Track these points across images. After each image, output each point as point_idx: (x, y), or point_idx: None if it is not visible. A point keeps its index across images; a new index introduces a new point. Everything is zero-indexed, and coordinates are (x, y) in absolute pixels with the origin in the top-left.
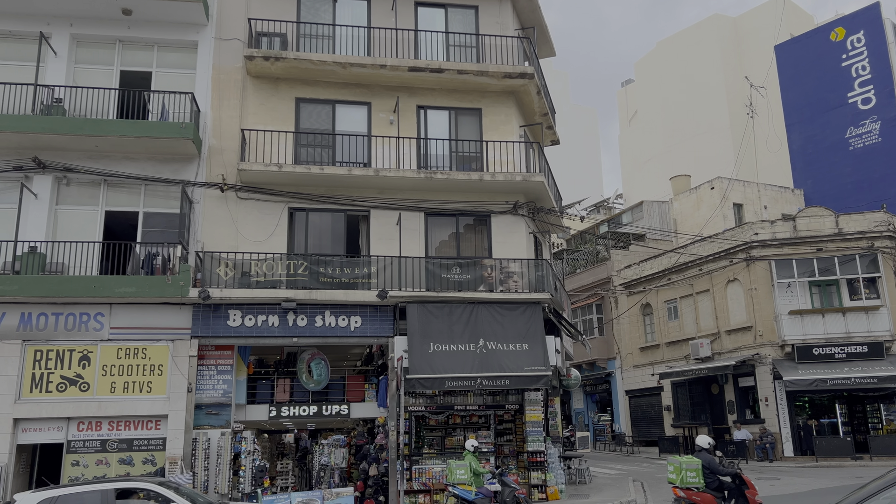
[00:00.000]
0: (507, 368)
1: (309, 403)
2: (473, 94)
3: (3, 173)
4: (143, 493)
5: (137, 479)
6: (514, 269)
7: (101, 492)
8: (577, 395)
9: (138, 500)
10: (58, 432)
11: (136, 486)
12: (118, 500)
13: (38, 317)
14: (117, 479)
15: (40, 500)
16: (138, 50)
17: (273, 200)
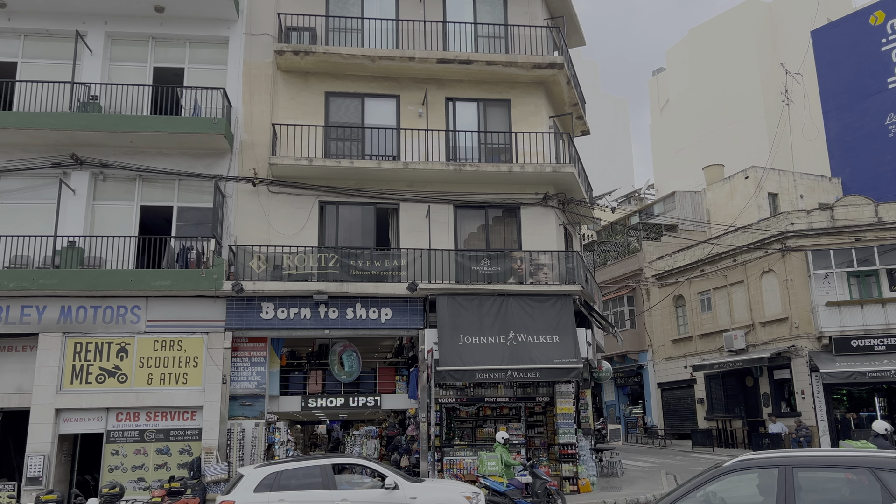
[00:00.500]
0: (537, 360)
1: (340, 395)
2: (502, 85)
3: (43, 170)
4: (358, 467)
5: (350, 456)
6: (543, 260)
7: (321, 466)
8: (608, 388)
9: (351, 475)
10: (97, 422)
11: (350, 462)
12: (336, 475)
13: (78, 310)
14: (331, 456)
15: (267, 474)
16: (171, 46)
17: (304, 194)
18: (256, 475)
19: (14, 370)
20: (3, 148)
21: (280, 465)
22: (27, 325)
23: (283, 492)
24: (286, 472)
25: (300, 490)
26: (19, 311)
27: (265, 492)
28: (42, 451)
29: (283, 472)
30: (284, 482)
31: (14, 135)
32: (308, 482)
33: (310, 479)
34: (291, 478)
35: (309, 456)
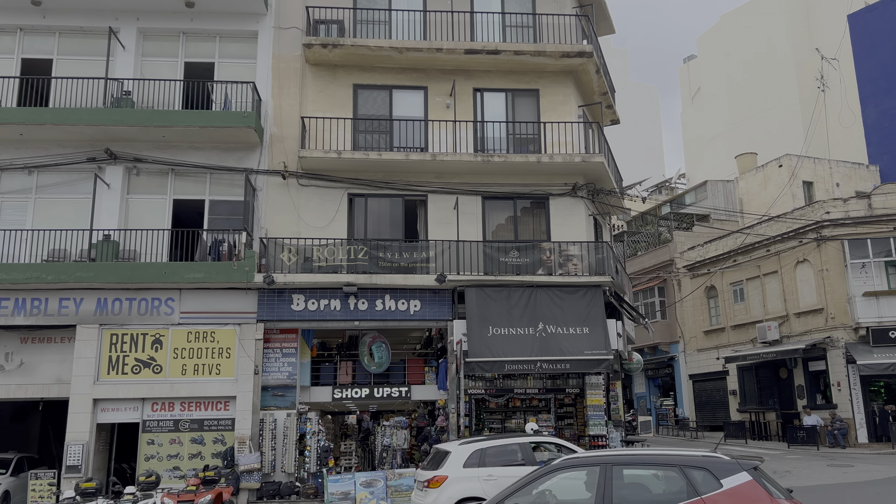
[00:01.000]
0: (567, 352)
1: (370, 385)
2: (531, 74)
3: (78, 164)
4: (552, 445)
5: (545, 436)
6: (573, 252)
7: (520, 444)
8: (638, 380)
9: (542, 452)
10: (133, 412)
11: (545, 441)
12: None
13: (114, 302)
14: (527, 434)
15: (473, 450)
16: (201, 41)
17: (333, 187)
18: (463, 451)
19: (53, 361)
20: (41, 144)
21: (483, 443)
22: (65, 317)
23: (488, 468)
24: (489, 449)
25: (503, 466)
26: (57, 303)
27: (473, 467)
28: (81, 440)
29: (486, 448)
30: (488, 458)
31: (50, 130)
32: (509, 458)
33: (510, 456)
34: (494, 454)
35: (502, 435)
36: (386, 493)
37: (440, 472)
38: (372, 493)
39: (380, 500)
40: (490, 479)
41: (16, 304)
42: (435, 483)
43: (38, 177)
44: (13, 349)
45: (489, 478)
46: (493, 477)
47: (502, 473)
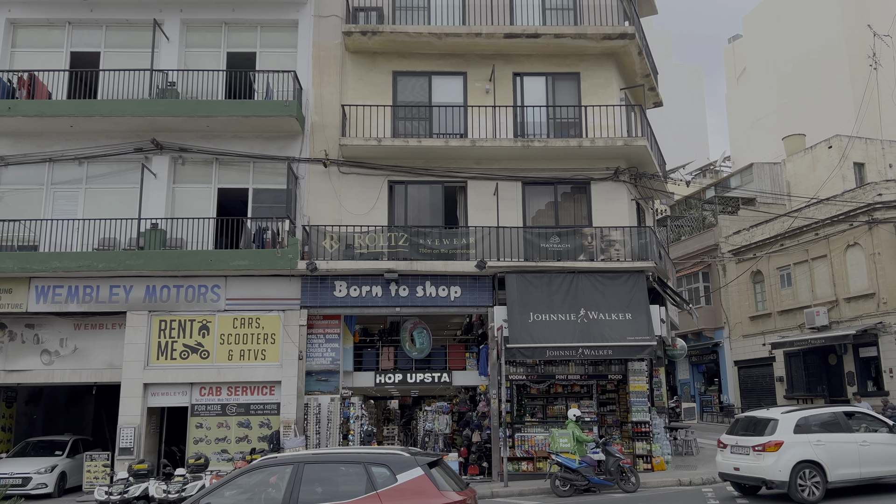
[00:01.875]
0: (609, 338)
1: (412, 371)
2: (571, 58)
3: (126, 155)
4: (859, 415)
5: (854, 406)
6: (615, 237)
7: (835, 413)
8: (682, 366)
9: (852, 421)
10: (182, 396)
11: (855, 410)
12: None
13: (162, 289)
14: (835, 405)
15: (798, 417)
16: (242, 31)
17: (373, 174)
18: (790, 419)
19: (105, 346)
20: (90, 135)
21: (804, 411)
22: (116, 304)
23: (813, 434)
24: (811, 416)
25: (826, 433)
26: (108, 290)
27: (801, 433)
28: (133, 424)
29: (809, 416)
30: (811, 425)
31: (99, 122)
32: (829, 426)
33: (830, 423)
34: (815, 422)
35: (816, 406)
36: None
37: (775, 437)
38: None
39: None
40: (819, 444)
41: (69, 291)
42: (772, 447)
43: (87, 167)
44: (67, 335)
45: (818, 443)
46: (822, 442)
47: (829, 440)
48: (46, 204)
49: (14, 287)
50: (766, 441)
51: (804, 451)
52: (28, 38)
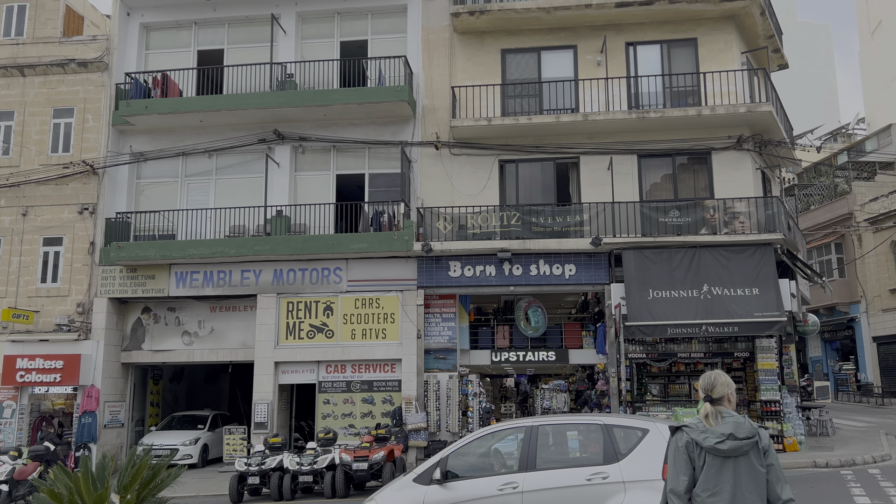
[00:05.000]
0: (735, 314)
1: (528, 349)
2: (687, 23)
3: (251, 146)
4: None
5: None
6: (739, 208)
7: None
8: (813, 343)
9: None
10: (310, 374)
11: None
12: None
13: (288, 272)
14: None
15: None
16: (354, 20)
17: (484, 154)
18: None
19: (238, 328)
20: (217, 129)
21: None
22: (247, 287)
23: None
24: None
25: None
26: (240, 275)
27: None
28: (266, 400)
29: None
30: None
31: (225, 116)
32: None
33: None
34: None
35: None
36: None
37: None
38: None
39: None
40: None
41: (205, 276)
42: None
43: (217, 159)
44: (204, 317)
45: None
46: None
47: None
48: (181, 195)
49: (156, 273)
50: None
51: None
52: (159, 40)
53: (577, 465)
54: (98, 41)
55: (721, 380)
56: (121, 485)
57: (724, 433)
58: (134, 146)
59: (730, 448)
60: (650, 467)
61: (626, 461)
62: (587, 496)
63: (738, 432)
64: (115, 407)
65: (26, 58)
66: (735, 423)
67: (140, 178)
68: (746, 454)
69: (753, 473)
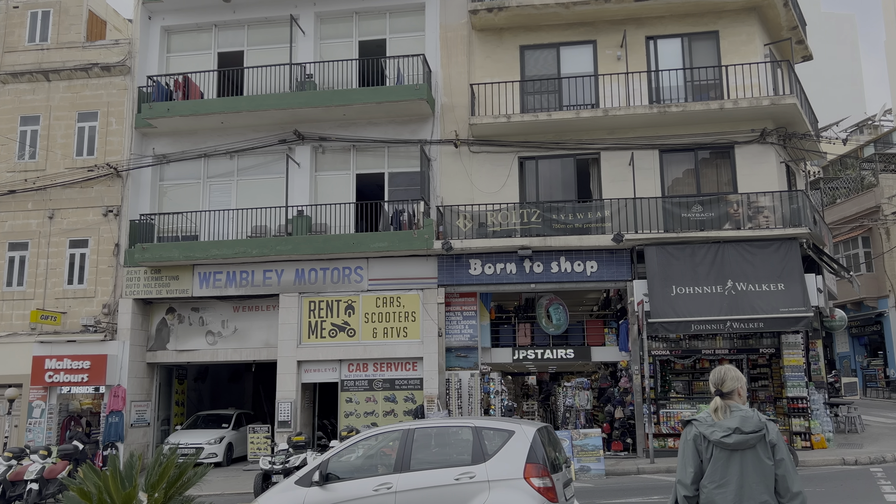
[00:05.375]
0: (760, 310)
1: (549, 347)
2: (708, 15)
3: (271, 147)
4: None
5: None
6: (763, 202)
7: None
8: (841, 338)
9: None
10: (332, 373)
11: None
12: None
13: (310, 272)
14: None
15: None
16: (372, 19)
17: (503, 151)
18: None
19: (261, 327)
20: (238, 130)
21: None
22: (269, 287)
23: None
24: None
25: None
26: (262, 274)
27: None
28: (289, 398)
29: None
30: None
31: (246, 117)
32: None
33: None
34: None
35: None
36: (572, 452)
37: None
38: None
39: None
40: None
41: (228, 276)
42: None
43: (238, 160)
44: (228, 317)
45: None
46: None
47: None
48: (203, 196)
49: (180, 274)
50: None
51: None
52: (180, 43)
53: (448, 465)
54: (120, 45)
55: (731, 374)
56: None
57: (731, 427)
58: (157, 148)
59: (735, 442)
60: (513, 467)
61: (492, 461)
62: (455, 494)
63: (745, 426)
64: (141, 406)
65: (51, 63)
66: (742, 418)
67: (163, 180)
68: (753, 447)
69: (760, 466)
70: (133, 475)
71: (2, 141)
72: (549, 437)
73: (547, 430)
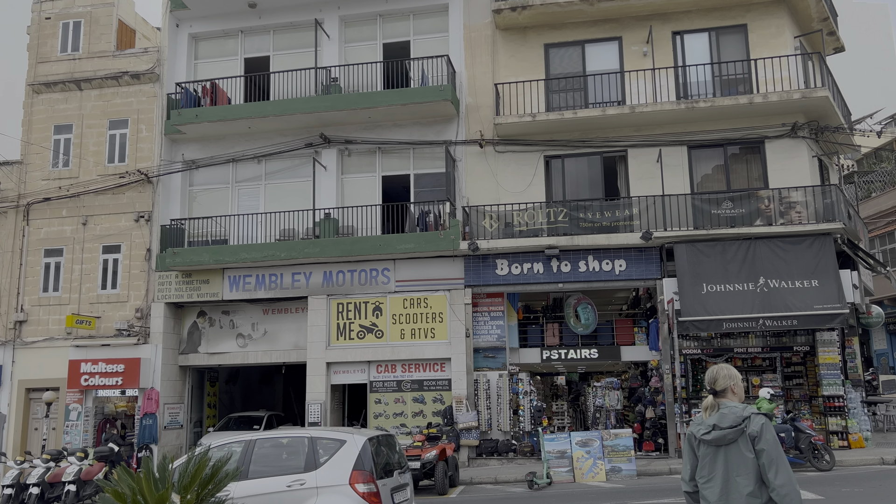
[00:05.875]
0: (793, 307)
1: (578, 346)
2: (736, 9)
3: (298, 150)
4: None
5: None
6: (795, 198)
7: None
8: (878, 335)
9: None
10: (361, 374)
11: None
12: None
13: (337, 274)
14: None
15: None
16: (396, 21)
17: (529, 150)
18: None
19: (290, 329)
20: (266, 135)
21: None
22: (298, 290)
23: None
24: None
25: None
26: (290, 277)
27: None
28: (319, 400)
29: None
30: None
31: (273, 122)
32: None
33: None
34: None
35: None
36: (602, 453)
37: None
38: (588, 452)
39: (596, 460)
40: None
41: (257, 279)
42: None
43: (265, 164)
44: (257, 320)
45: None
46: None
47: None
48: (232, 201)
49: (210, 278)
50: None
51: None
52: (207, 49)
53: (283, 473)
54: (149, 53)
55: (723, 373)
56: (181, 485)
57: (710, 424)
58: (186, 154)
59: (713, 438)
60: (340, 473)
61: (322, 469)
62: (286, 500)
63: (722, 422)
64: (174, 409)
65: (82, 72)
66: (721, 415)
67: (192, 185)
68: (735, 442)
69: (742, 460)
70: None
71: (36, 150)
72: (381, 446)
73: (379, 438)
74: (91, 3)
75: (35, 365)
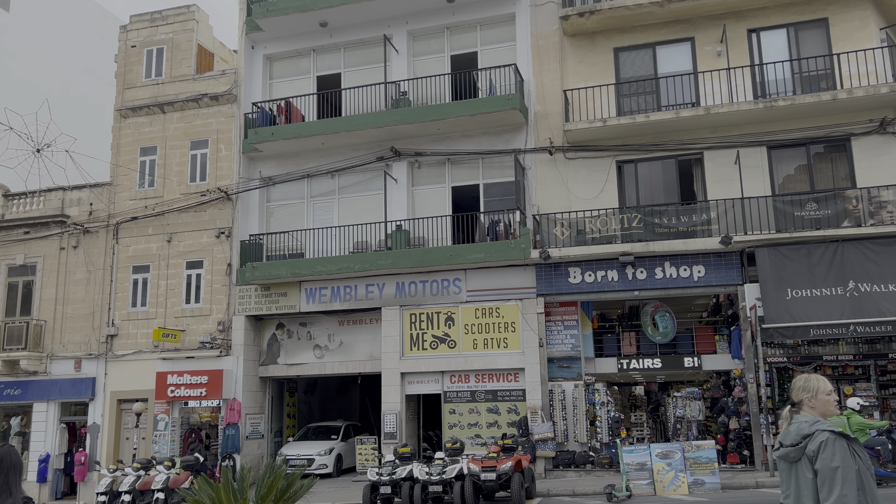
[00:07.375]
0: (887, 312)
1: (656, 356)
2: (816, 3)
3: (369, 164)
4: None
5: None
6: (886, 197)
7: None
8: None
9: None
10: (435, 384)
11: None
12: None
13: (410, 285)
14: None
15: None
16: (463, 33)
17: (600, 156)
18: None
19: (365, 340)
20: (338, 150)
21: None
22: (371, 301)
23: None
24: None
25: None
26: (364, 289)
27: None
28: (394, 410)
29: None
30: None
31: (344, 137)
32: None
33: None
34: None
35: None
36: (684, 465)
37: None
38: (669, 464)
39: (678, 472)
40: None
41: (332, 291)
42: None
43: (338, 179)
44: (333, 331)
45: None
46: None
47: None
48: (308, 215)
49: (288, 291)
50: None
51: None
52: (281, 69)
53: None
54: (227, 75)
55: (798, 385)
56: (258, 495)
57: (780, 441)
58: (263, 171)
59: (780, 455)
60: None
61: None
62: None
63: (785, 439)
64: (255, 419)
65: (165, 96)
66: (787, 431)
67: (269, 201)
68: (800, 460)
69: (805, 479)
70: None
71: (124, 171)
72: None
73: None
74: (173, 30)
75: (125, 377)
